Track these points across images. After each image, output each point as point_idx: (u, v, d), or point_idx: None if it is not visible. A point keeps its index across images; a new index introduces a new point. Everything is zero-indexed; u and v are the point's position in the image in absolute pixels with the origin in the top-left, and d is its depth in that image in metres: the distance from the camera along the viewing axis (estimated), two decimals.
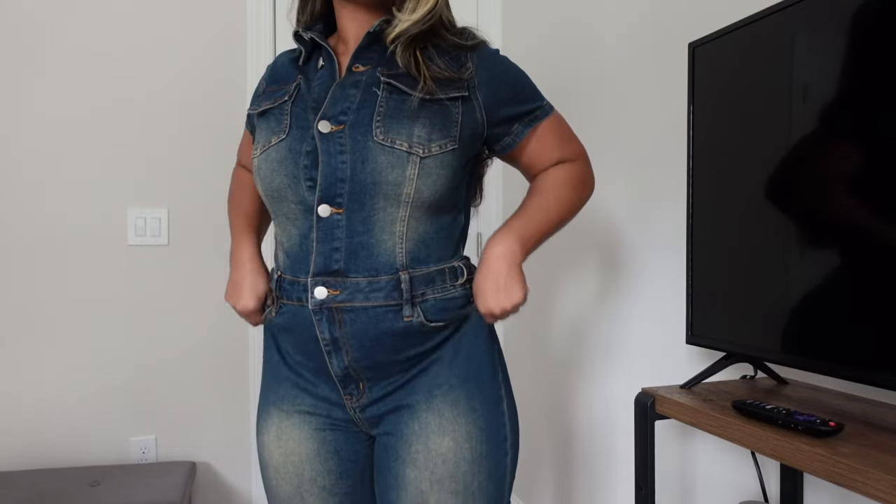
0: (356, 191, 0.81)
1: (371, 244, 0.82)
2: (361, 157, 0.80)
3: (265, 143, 0.86)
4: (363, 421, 0.89)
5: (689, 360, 1.35)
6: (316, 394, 0.90)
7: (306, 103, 0.85)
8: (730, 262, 1.02)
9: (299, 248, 0.85)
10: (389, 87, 0.83)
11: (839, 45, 0.83)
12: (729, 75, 1.02)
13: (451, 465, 0.84)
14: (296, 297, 0.86)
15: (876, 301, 0.78)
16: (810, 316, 0.87)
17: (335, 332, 0.83)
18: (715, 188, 1.05)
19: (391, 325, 0.83)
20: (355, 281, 0.82)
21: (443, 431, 0.84)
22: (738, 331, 1.00)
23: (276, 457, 0.90)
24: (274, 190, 0.84)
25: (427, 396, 0.85)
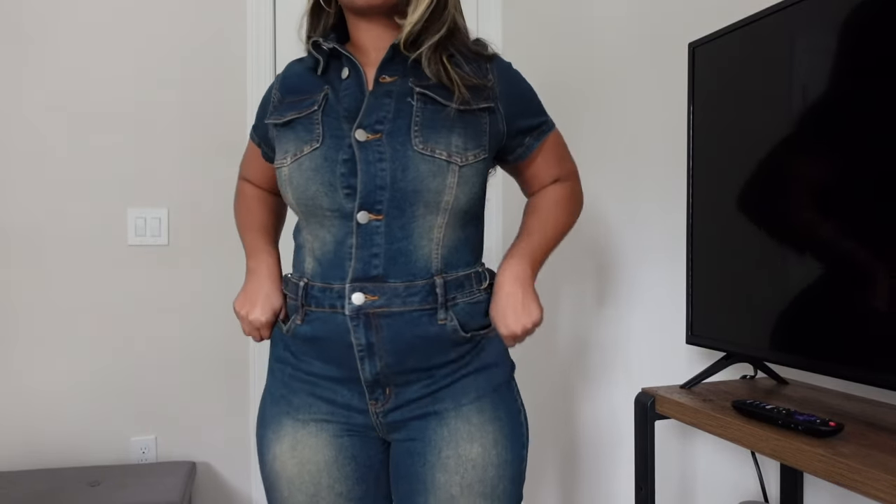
0: (396, 198, 0.83)
1: (410, 250, 0.84)
2: (402, 166, 0.82)
3: (296, 152, 0.85)
4: (383, 426, 0.90)
5: (689, 360, 1.35)
6: (334, 401, 0.89)
7: (338, 113, 0.86)
8: (729, 262, 1.02)
9: (334, 254, 0.86)
10: (424, 97, 0.85)
11: (839, 45, 0.83)
12: (729, 75, 1.02)
13: (480, 469, 0.87)
14: (328, 304, 0.86)
15: (876, 301, 0.78)
16: (810, 316, 0.87)
17: (371, 338, 0.84)
18: (715, 188, 1.05)
19: (426, 330, 0.85)
20: (393, 286, 0.84)
21: (472, 438, 0.87)
22: (738, 331, 1.00)
23: (291, 467, 0.89)
24: (309, 198, 0.85)
25: (455, 405, 0.88)
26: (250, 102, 2.13)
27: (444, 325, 0.85)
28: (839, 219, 0.83)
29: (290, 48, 2.17)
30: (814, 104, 0.86)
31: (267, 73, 2.14)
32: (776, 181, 0.92)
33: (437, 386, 0.88)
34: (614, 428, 1.65)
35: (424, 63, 0.85)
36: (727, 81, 1.02)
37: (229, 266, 2.14)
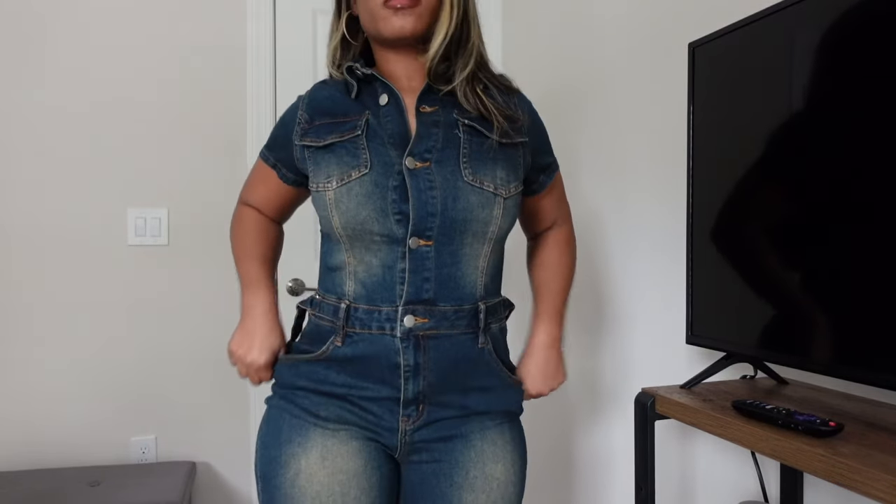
0: (446, 225, 0.86)
1: (458, 276, 0.88)
2: (452, 195, 0.85)
3: (343, 177, 0.85)
4: (406, 445, 0.91)
5: (689, 360, 1.35)
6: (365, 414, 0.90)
7: (382, 139, 0.87)
8: (730, 262, 1.02)
9: (381, 278, 0.87)
10: (470, 129, 0.89)
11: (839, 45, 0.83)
12: (729, 75, 1.02)
13: (503, 487, 0.93)
14: (376, 327, 0.87)
15: (876, 301, 0.78)
16: (810, 316, 0.87)
17: (419, 359, 0.87)
18: (715, 188, 1.05)
19: (468, 352, 0.90)
20: (443, 309, 0.87)
21: (496, 458, 0.92)
22: (738, 331, 1.00)
23: (321, 479, 0.87)
24: (359, 223, 0.85)
25: (480, 427, 0.93)
26: (250, 102, 2.13)
27: (483, 348, 0.91)
28: (839, 217, 0.83)
29: (290, 48, 2.17)
30: (814, 104, 0.86)
31: (267, 74, 2.14)
32: (776, 180, 0.92)
33: (466, 411, 0.92)
34: (613, 427, 1.65)
35: (461, 95, 0.89)
36: (727, 81, 1.02)
37: (229, 266, 2.14)
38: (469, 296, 0.89)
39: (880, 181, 0.77)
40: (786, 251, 0.91)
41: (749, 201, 0.98)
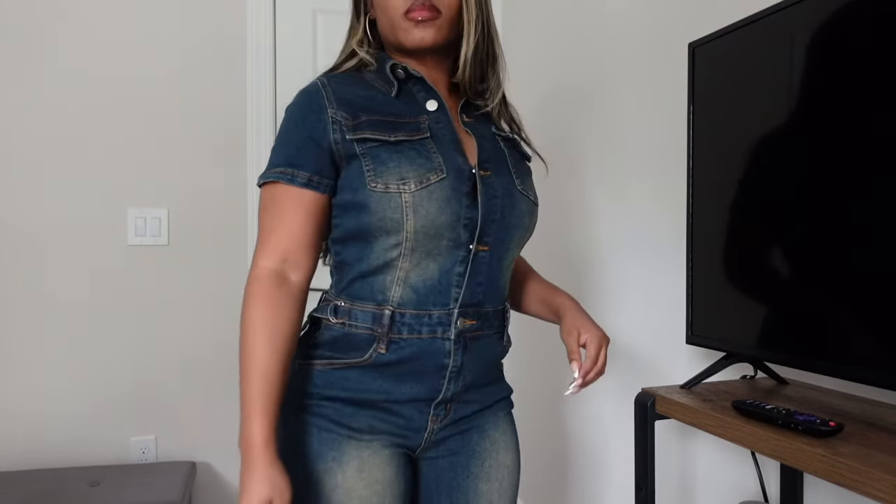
0: (501, 231, 0.88)
1: (499, 278, 0.91)
2: (510, 203, 0.89)
3: (422, 180, 0.81)
4: (430, 442, 0.91)
5: (689, 360, 1.35)
6: (395, 419, 0.88)
7: (446, 145, 0.86)
8: (730, 262, 1.02)
9: (437, 282, 0.85)
10: (508, 143, 0.96)
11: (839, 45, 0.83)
12: (729, 75, 1.02)
13: (511, 474, 0.97)
14: (426, 331, 0.85)
15: (876, 300, 0.78)
16: (810, 316, 0.87)
17: (465, 359, 0.88)
18: (715, 188, 1.05)
19: (497, 349, 0.94)
20: (486, 311, 0.90)
21: (507, 447, 0.96)
22: (738, 331, 1.00)
23: (360, 490, 0.85)
24: (436, 228, 0.82)
25: (494, 419, 0.96)
26: (250, 102, 2.13)
27: (505, 346, 0.96)
28: (839, 217, 0.82)
29: (290, 48, 2.17)
30: (814, 103, 0.86)
31: (267, 73, 2.14)
32: (776, 180, 0.92)
33: (482, 404, 0.95)
34: (613, 427, 1.65)
35: (495, 114, 0.96)
36: (727, 81, 1.02)
37: (229, 266, 2.14)
38: (502, 297, 0.93)
39: (881, 181, 0.77)
40: (786, 251, 0.91)
41: (749, 201, 0.98)
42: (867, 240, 0.79)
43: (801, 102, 0.88)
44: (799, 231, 0.88)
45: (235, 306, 2.14)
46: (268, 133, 2.15)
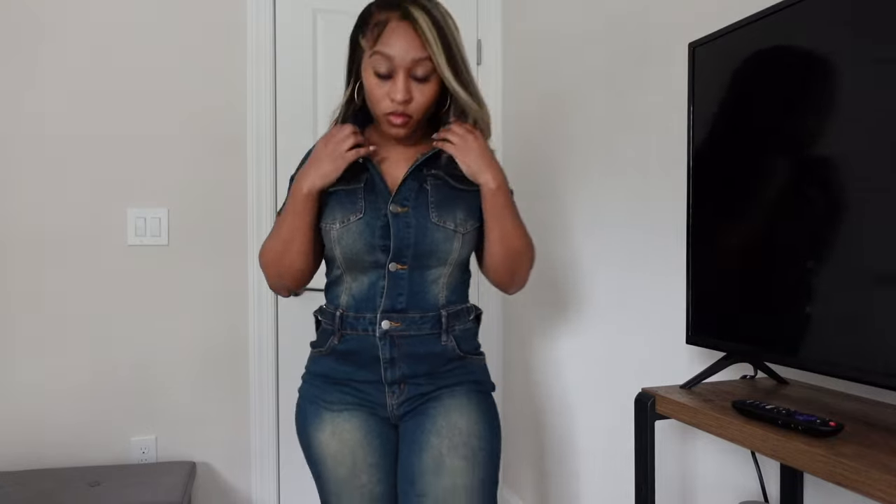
0: (417, 255, 1.11)
1: (425, 291, 1.13)
2: (422, 233, 1.10)
3: (344, 220, 1.11)
4: (396, 415, 1.17)
5: (689, 360, 1.35)
6: (360, 395, 1.16)
7: (378, 190, 1.12)
8: (729, 262, 1.02)
9: (367, 293, 1.13)
10: (438, 181, 1.14)
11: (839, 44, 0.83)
12: (729, 75, 1.02)
13: (465, 436, 1.13)
14: (361, 329, 1.13)
15: (876, 300, 0.78)
16: (810, 316, 0.87)
17: (394, 353, 1.13)
18: (715, 188, 1.05)
19: (432, 348, 1.15)
20: (412, 316, 1.13)
21: (460, 412, 1.14)
22: (738, 331, 1.00)
23: (333, 447, 1.15)
24: (355, 253, 1.11)
25: (450, 392, 1.16)
26: (250, 102, 2.13)
27: (445, 345, 1.15)
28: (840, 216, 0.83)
29: (290, 48, 2.17)
30: (813, 103, 0.86)
31: (267, 73, 2.14)
32: (776, 180, 0.92)
33: (437, 385, 1.16)
34: (613, 427, 1.65)
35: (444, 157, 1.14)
36: (727, 81, 1.02)
37: (229, 266, 2.14)
38: (433, 306, 1.14)
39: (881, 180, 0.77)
40: (786, 250, 0.91)
41: (749, 201, 0.98)
42: (867, 240, 0.79)
43: (800, 102, 0.88)
44: (799, 231, 0.89)
45: (235, 306, 2.14)
46: (268, 133, 2.15)
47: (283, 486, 2.20)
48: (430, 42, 1.04)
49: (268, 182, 2.15)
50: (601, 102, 1.68)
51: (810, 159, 0.87)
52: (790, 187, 0.90)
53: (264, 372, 2.16)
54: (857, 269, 0.80)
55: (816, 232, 0.86)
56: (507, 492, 2.35)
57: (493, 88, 2.38)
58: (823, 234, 0.85)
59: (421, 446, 1.13)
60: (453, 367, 1.16)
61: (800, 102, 0.88)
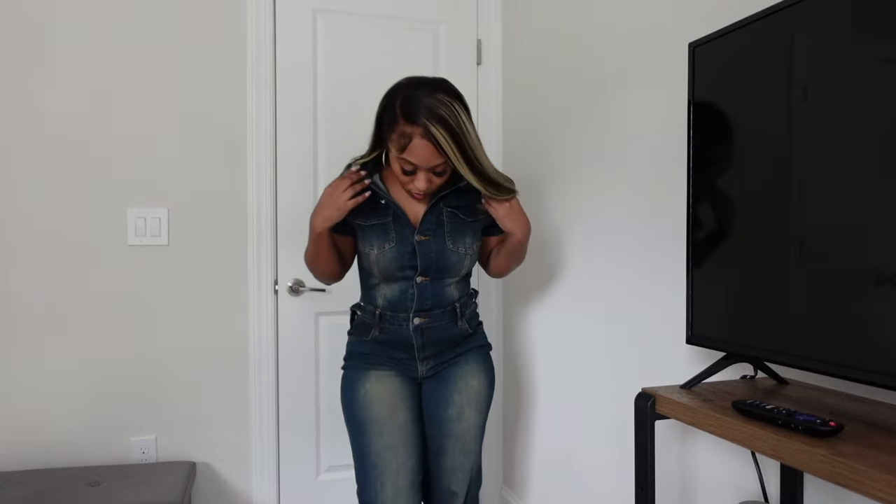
0: (438, 270, 1.47)
1: (443, 293, 1.50)
2: (442, 255, 1.46)
3: (381, 247, 1.44)
4: (424, 376, 1.54)
5: (689, 360, 1.35)
6: (398, 364, 1.52)
7: (403, 223, 1.45)
8: (729, 262, 1.02)
9: (399, 297, 1.48)
10: (454, 216, 1.48)
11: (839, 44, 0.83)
12: (729, 75, 1.02)
13: (478, 393, 1.55)
14: (397, 324, 1.49)
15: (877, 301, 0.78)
16: (810, 316, 0.87)
17: (424, 339, 1.50)
18: (715, 188, 1.05)
19: (451, 331, 1.53)
20: (434, 312, 1.49)
21: (474, 375, 1.55)
22: (738, 331, 1.00)
23: (379, 391, 1.48)
24: (389, 271, 1.45)
25: (465, 359, 1.55)
26: (250, 102, 2.14)
27: (461, 327, 1.54)
28: (840, 216, 0.83)
29: (290, 48, 2.17)
30: (814, 103, 0.86)
31: (267, 73, 2.14)
32: (777, 180, 0.92)
33: (456, 353, 1.55)
34: (613, 427, 1.65)
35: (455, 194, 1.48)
36: (727, 81, 1.02)
37: (229, 266, 2.14)
38: (449, 302, 1.51)
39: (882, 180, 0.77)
40: (787, 251, 0.91)
41: (750, 201, 0.98)
42: (868, 239, 0.79)
43: (800, 102, 0.88)
44: (800, 231, 0.89)
45: (235, 306, 2.14)
46: (268, 133, 2.15)
47: (283, 486, 2.20)
48: (447, 152, 1.29)
49: (268, 182, 2.15)
50: (601, 102, 1.68)
51: (811, 159, 0.87)
52: (790, 187, 0.90)
53: (264, 372, 2.16)
54: (858, 269, 0.80)
55: (817, 232, 0.86)
56: (507, 492, 2.35)
57: (493, 88, 2.38)
58: (824, 234, 0.85)
59: (448, 402, 1.52)
60: (466, 339, 1.56)
61: (800, 102, 0.88)
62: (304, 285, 2.19)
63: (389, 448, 1.43)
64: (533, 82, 2.11)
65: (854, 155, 0.81)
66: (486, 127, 2.38)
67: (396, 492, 1.42)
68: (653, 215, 1.47)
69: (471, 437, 1.53)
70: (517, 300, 2.25)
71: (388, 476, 1.42)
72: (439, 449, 1.52)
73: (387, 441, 1.44)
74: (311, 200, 2.20)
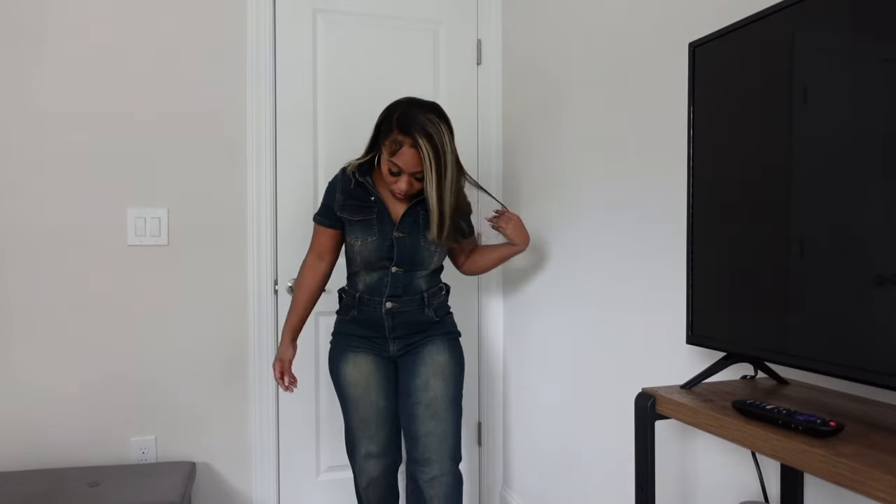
0: (411, 263, 1.69)
1: (413, 283, 1.71)
2: (416, 250, 1.68)
3: (364, 239, 1.67)
4: (396, 354, 1.75)
5: (689, 360, 1.35)
6: (372, 344, 1.74)
7: (385, 221, 1.67)
8: (730, 261, 1.02)
9: (376, 284, 1.70)
10: (427, 217, 1.66)
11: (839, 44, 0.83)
12: (729, 75, 1.02)
13: (443, 366, 1.72)
14: (373, 307, 1.70)
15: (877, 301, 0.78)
16: (810, 315, 0.87)
17: (393, 321, 1.71)
18: (715, 188, 1.05)
19: (418, 317, 1.73)
20: (405, 299, 1.70)
21: (439, 352, 1.73)
22: (738, 331, 1.00)
23: (354, 375, 1.73)
24: (370, 261, 1.68)
25: (432, 340, 1.74)
26: (250, 102, 2.14)
27: (427, 314, 1.74)
28: (840, 216, 0.83)
29: (290, 48, 2.17)
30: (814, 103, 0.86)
31: (267, 73, 2.14)
32: (777, 180, 0.92)
33: (423, 337, 1.74)
34: (613, 427, 1.65)
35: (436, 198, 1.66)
36: (727, 81, 1.02)
37: (229, 266, 2.14)
38: (418, 291, 1.72)
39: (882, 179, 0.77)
40: (787, 251, 0.91)
41: (750, 201, 0.98)
42: (868, 239, 0.79)
43: (800, 102, 0.88)
44: (800, 231, 0.89)
45: (235, 306, 2.14)
46: (268, 133, 2.15)
47: (282, 486, 2.20)
48: (424, 163, 1.56)
49: (268, 182, 2.15)
50: (601, 102, 1.68)
51: (811, 158, 0.87)
52: (791, 186, 0.90)
53: (264, 372, 2.16)
54: (858, 269, 0.80)
55: (817, 231, 0.86)
56: (507, 491, 2.35)
57: (493, 88, 2.38)
58: (824, 234, 0.85)
59: (415, 373, 1.71)
60: (432, 325, 1.75)
61: (800, 102, 0.88)
62: None
63: (364, 420, 1.75)
64: (533, 82, 2.11)
65: (854, 155, 0.81)
66: (485, 127, 2.38)
67: (368, 454, 1.77)
68: (653, 215, 1.47)
69: (439, 406, 1.68)
70: (517, 301, 2.25)
71: (363, 442, 1.77)
72: (411, 416, 1.69)
73: (361, 415, 1.75)
74: (311, 200, 2.20)
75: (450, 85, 2.34)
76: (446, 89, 2.34)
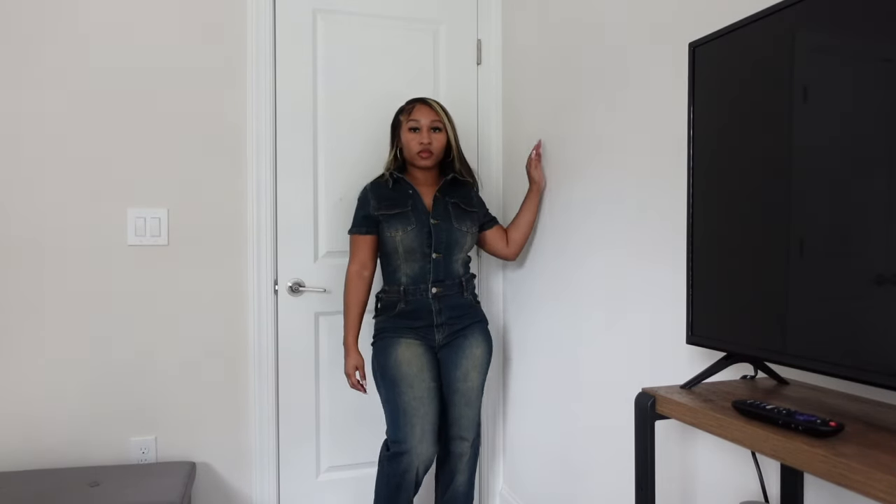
0: (448, 247, 1.91)
1: (453, 268, 1.94)
2: (449, 235, 1.91)
3: (403, 230, 1.87)
4: (440, 342, 1.94)
5: (689, 360, 1.35)
6: (419, 333, 1.91)
7: (419, 211, 1.90)
8: (730, 262, 1.02)
9: (419, 272, 1.90)
10: (454, 205, 1.95)
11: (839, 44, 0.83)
12: (729, 75, 1.02)
13: (480, 359, 1.96)
14: (419, 295, 1.90)
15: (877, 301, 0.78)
16: (810, 315, 0.87)
17: (440, 305, 1.92)
18: (715, 188, 1.05)
19: (459, 300, 1.95)
20: (447, 283, 1.92)
21: (477, 344, 1.96)
22: (738, 331, 1.00)
23: (408, 355, 1.87)
24: (411, 249, 1.88)
25: (471, 331, 1.96)
26: (250, 102, 2.13)
27: (466, 297, 1.97)
28: (840, 216, 0.83)
29: (290, 48, 2.17)
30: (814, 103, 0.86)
31: (267, 73, 2.14)
32: (777, 180, 0.92)
33: (463, 324, 1.95)
34: (613, 427, 1.65)
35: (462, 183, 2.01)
36: (727, 81, 1.02)
37: (229, 266, 2.14)
38: (457, 276, 1.95)
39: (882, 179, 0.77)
40: (787, 251, 0.91)
41: (750, 201, 0.98)
42: (868, 239, 0.79)
43: (800, 102, 0.88)
44: (800, 231, 0.89)
45: (235, 306, 2.14)
46: (268, 133, 2.15)
47: (283, 486, 2.20)
48: (438, 113, 1.92)
49: (268, 182, 2.15)
50: (600, 102, 1.68)
51: (811, 158, 0.87)
52: (791, 186, 0.90)
53: (264, 372, 2.16)
54: (858, 269, 0.80)
55: (817, 231, 0.86)
56: (507, 492, 2.35)
57: (493, 88, 2.38)
58: (824, 234, 0.85)
59: (457, 365, 1.93)
60: (470, 310, 1.97)
61: (800, 102, 0.88)
62: (304, 285, 2.19)
63: (418, 399, 1.84)
64: (533, 82, 2.11)
65: (854, 155, 0.81)
66: (486, 127, 2.38)
67: (423, 432, 1.84)
68: (653, 215, 1.47)
69: (473, 394, 1.96)
70: (517, 301, 2.25)
71: (416, 420, 1.83)
72: (450, 402, 1.95)
73: (416, 393, 1.84)
74: (311, 200, 2.20)
75: (450, 85, 2.34)
76: (446, 89, 2.34)
